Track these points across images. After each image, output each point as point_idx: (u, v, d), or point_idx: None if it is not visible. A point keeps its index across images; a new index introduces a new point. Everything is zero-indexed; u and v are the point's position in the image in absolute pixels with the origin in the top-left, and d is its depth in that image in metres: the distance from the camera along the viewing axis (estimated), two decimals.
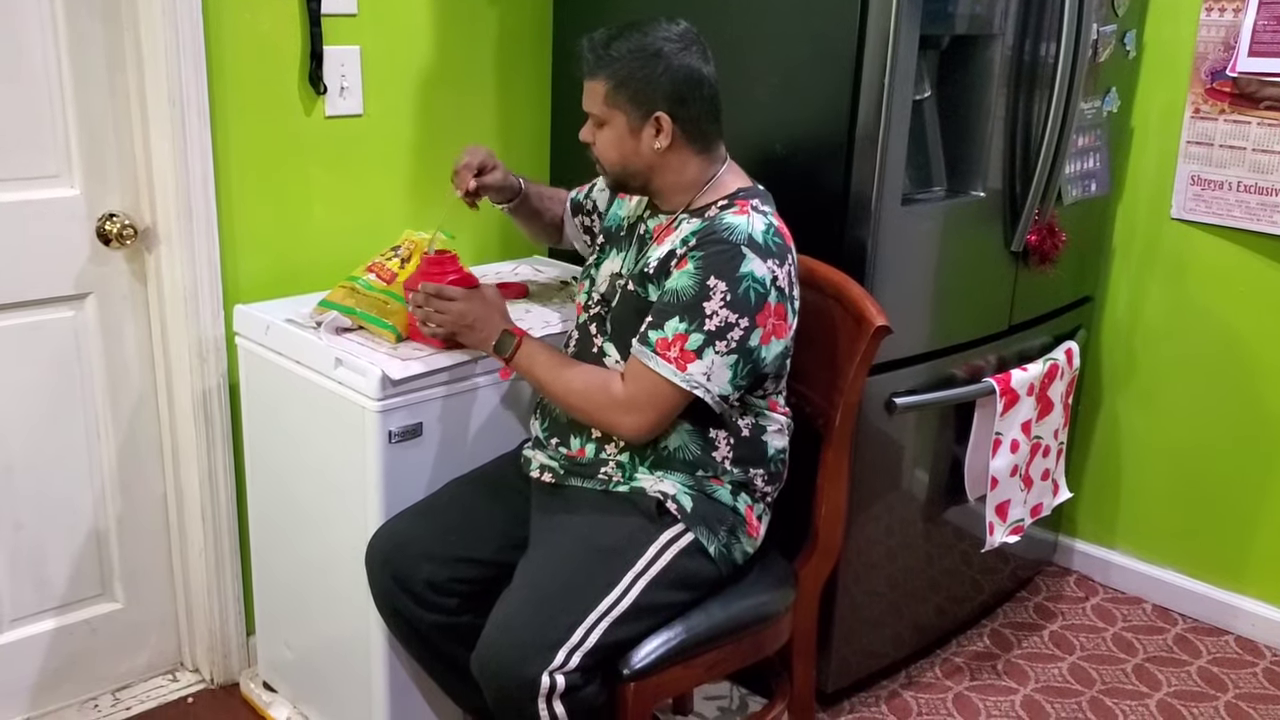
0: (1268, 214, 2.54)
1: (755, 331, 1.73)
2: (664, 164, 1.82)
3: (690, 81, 1.77)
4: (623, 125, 1.79)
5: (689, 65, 1.76)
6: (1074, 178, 2.49)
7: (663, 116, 1.77)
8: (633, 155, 1.82)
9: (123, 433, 2.27)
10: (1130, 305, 2.82)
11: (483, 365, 2.00)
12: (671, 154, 1.81)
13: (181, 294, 2.18)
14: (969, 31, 2.18)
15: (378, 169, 2.40)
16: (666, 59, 1.75)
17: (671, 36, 1.77)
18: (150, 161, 2.15)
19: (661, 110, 1.76)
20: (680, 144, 1.80)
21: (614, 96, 1.78)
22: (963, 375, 2.37)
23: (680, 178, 1.84)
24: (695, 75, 1.77)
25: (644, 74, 1.75)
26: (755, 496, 1.88)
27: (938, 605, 2.58)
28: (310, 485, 2.09)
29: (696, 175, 1.84)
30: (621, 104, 1.78)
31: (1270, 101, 2.50)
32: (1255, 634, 2.75)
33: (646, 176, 1.84)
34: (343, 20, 2.26)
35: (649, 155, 1.81)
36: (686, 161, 1.82)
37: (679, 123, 1.78)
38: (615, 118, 1.80)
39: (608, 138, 1.82)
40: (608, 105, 1.79)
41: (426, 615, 1.88)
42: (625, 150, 1.82)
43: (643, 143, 1.79)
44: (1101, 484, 2.96)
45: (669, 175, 1.83)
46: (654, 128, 1.78)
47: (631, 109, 1.78)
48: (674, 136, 1.78)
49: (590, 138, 1.86)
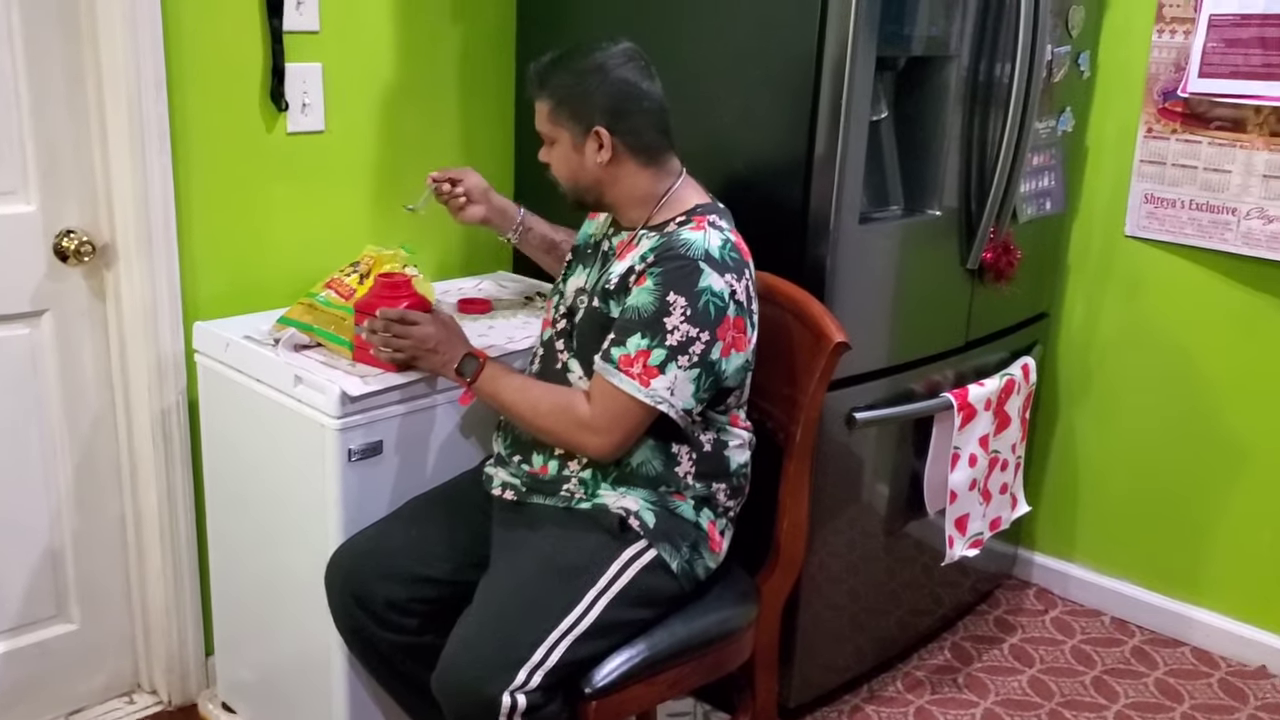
0: (1219, 231, 2.59)
1: (716, 345, 1.74)
2: (611, 178, 1.84)
3: (626, 95, 1.80)
4: (568, 142, 1.84)
5: (624, 79, 1.80)
6: (1029, 196, 2.52)
7: (601, 131, 1.80)
8: (580, 171, 1.85)
9: (80, 451, 2.25)
10: (1085, 321, 2.86)
11: (443, 382, 1.99)
12: (617, 168, 1.83)
13: (140, 311, 2.16)
14: (925, 53, 2.21)
15: (339, 186, 2.40)
16: (602, 74, 1.79)
17: (611, 53, 1.81)
18: (109, 177, 2.13)
19: (600, 124, 1.80)
20: (624, 157, 1.83)
21: (556, 114, 1.83)
22: (921, 390, 2.39)
23: (631, 191, 1.86)
24: (631, 89, 1.80)
25: (580, 90, 1.80)
26: (718, 512, 1.89)
27: (899, 619, 2.60)
28: (270, 504, 2.08)
29: (648, 189, 1.86)
30: (563, 121, 1.82)
31: (1220, 121, 2.55)
32: (1211, 645, 2.78)
33: (598, 191, 1.87)
34: (305, 37, 2.26)
35: (594, 170, 1.83)
36: (635, 175, 1.84)
37: (618, 135, 1.81)
38: (560, 135, 1.84)
39: (557, 156, 1.87)
40: (552, 124, 1.84)
41: (387, 635, 1.87)
42: (573, 166, 1.85)
43: (587, 158, 1.83)
44: (1059, 498, 2.99)
45: (619, 189, 1.86)
46: (595, 142, 1.81)
47: (572, 125, 1.82)
48: (615, 150, 1.81)
49: (546, 158, 1.90)
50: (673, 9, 2.26)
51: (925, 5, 2.14)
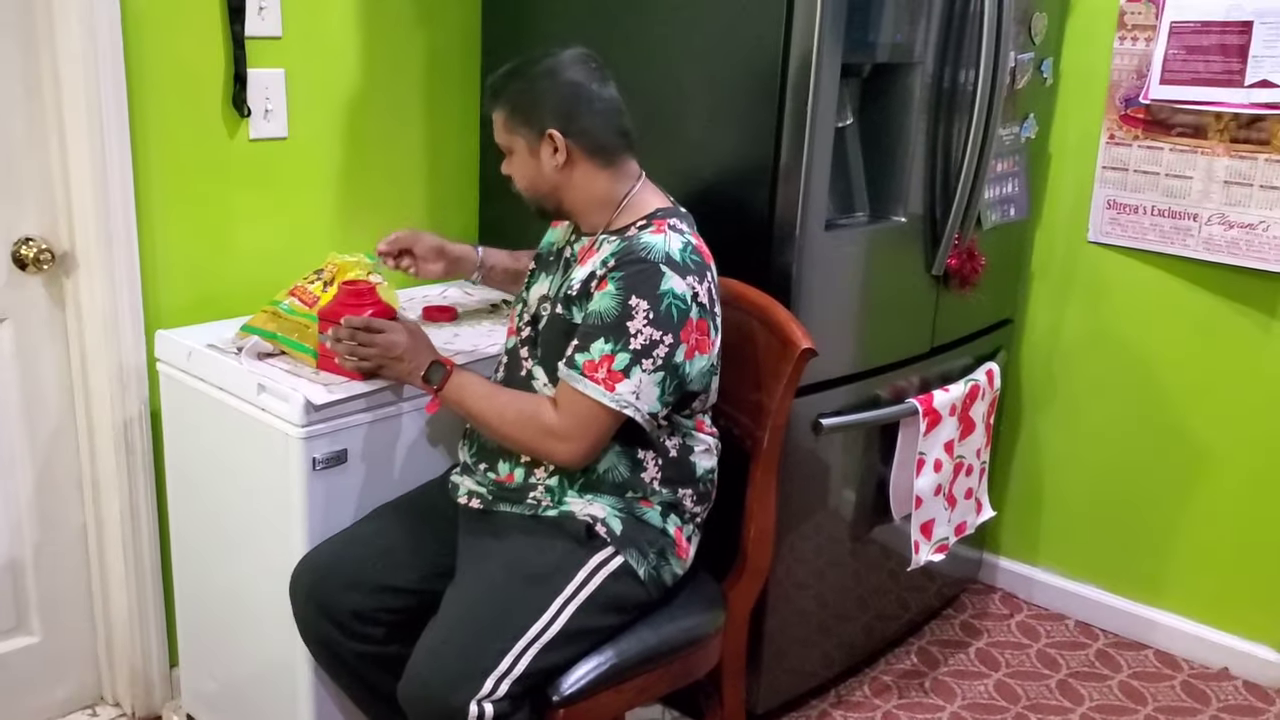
0: (1180, 237, 2.61)
1: (679, 347, 1.74)
2: (568, 182, 1.84)
3: (576, 96, 1.80)
4: (524, 149, 1.84)
5: (573, 80, 1.81)
6: (993, 203, 2.54)
7: (554, 133, 1.80)
8: (538, 177, 1.85)
9: (40, 462, 2.22)
10: (1049, 327, 2.88)
11: (408, 390, 1.98)
12: (573, 171, 1.83)
13: (101, 319, 2.14)
14: (890, 60, 2.22)
15: (303, 192, 2.38)
16: (551, 77, 1.80)
17: (561, 58, 1.82)
18: (69, 185, 2.11)
19: (552, 127, 1.80)
20: (580, 159, 1.83)
21: (510, 122, 1.84)
22: (887, 396, 2.40)
23: (590, 195, 1.85)
24: (581, 90, 1.81)
25: (530, 94, 1.81)
26: (684, 518, 1.89)
27: (866, 624, 2.61)
28: (234, 514, 2.06)
29: (606, 192, 1.86)
30: (517, 128, 1.83)
31: (1182, 128, 2.58)
32: (1174, 647, 2.81)
33: (557, 198, 1.87)
34: (267, 43, 2.25)
35: (552, 175, 1.83)
36: (592, 178, 1.84)
37: (571, 137, 1.81)
38: (516, 143, 1.85)
39: (515, 164, 1.87)
40: (507, 132, 1.85)
41: (353, 645, 1.86)
42: (530, 173, 1.86)
43: (543, 163, 1.83)
44: (1024, 502, 3.01)
45: (577, 193, 1.86)
46: (550, 145, 1.81)
47: (526, 131, 1.82)
48: (570, 152, 1.81)
49: (507, 169, 1.90)
50: (638, 16, 2.26)
51: (890, 13, 2.16)
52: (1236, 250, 2.54)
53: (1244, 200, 2.51)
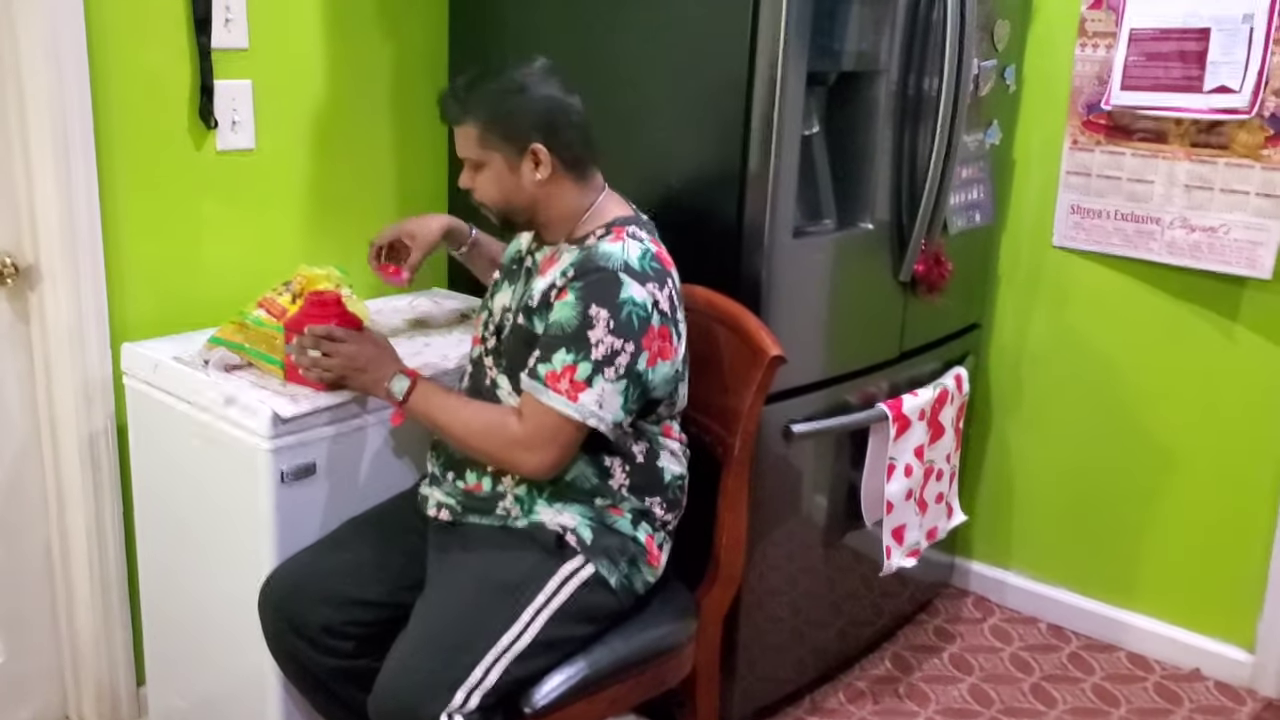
0: (1143, 241, 2.64)
1: (641, 355, 1.74)
2: (546, 195, 1.83)
3: (557, 109, 1.80)
4: (500, 164, 1.81)
5: (551, 95, 1.80)
6: (959, 208, 2.56)
7: (539, 148, 1.79)
8: (515, 191, 1.83)
9: (4, 478, 2.19)
10: (1016, 331, 2.90)
11: (375, 402, 1.97)
12: (552, 185, 1.82)
13: (66, 333, 2.12)
14: (855, 68, 2.23)
15: (270, 204, 2.37)
16: (530, 90, 1.79)
17: (531, 71, 1.80)
18: (32, 198, 2.09)
19: (536, 141, 1.79)
20: (559, 174, 1.82)
21: (486, 137, 1.80)
22: (857, 402, 2.41)
23: (563, 208, 1.85)
24: (560, 103, 1.80)
25: (510, 109, 1.78)
26: (655, 525, 1.89)
27: (839, 630, 2.61)
28: (202, 528, 2.04)
29: (575, 204, 1.85)
30: (495, 143, 1.80)
31: (1143, 133, 2.60)
32: (1145, 649, 2.83)
33: (531, 211, 1.85)
34: (234, 55, 2.24)
35: (531, 189, 1.82)
36: (567, 191, 1.84)
37: (555, 151, 1.80)
38: (492, 158, 1.81)
39: (487, 178, 1.84)
40: (482, 147, 1.81)
41: (322, 659, 1.85)
42: (506, 188, 1.83)
43: (523, 177, 1.81)
44: (994, 506, 3.03)
45: (552, 206, 1.85)
46: (532, 160, 1.80)
47: (506, 146, 1.80)
48: (554, 167, 1.80)
49: (470, 183, 1.87)
50: (604, 25, 2.26)
51: (855, 21, 2.17)
52: (1199, 253, 2.57)
53: (1205, 204, 2.54)
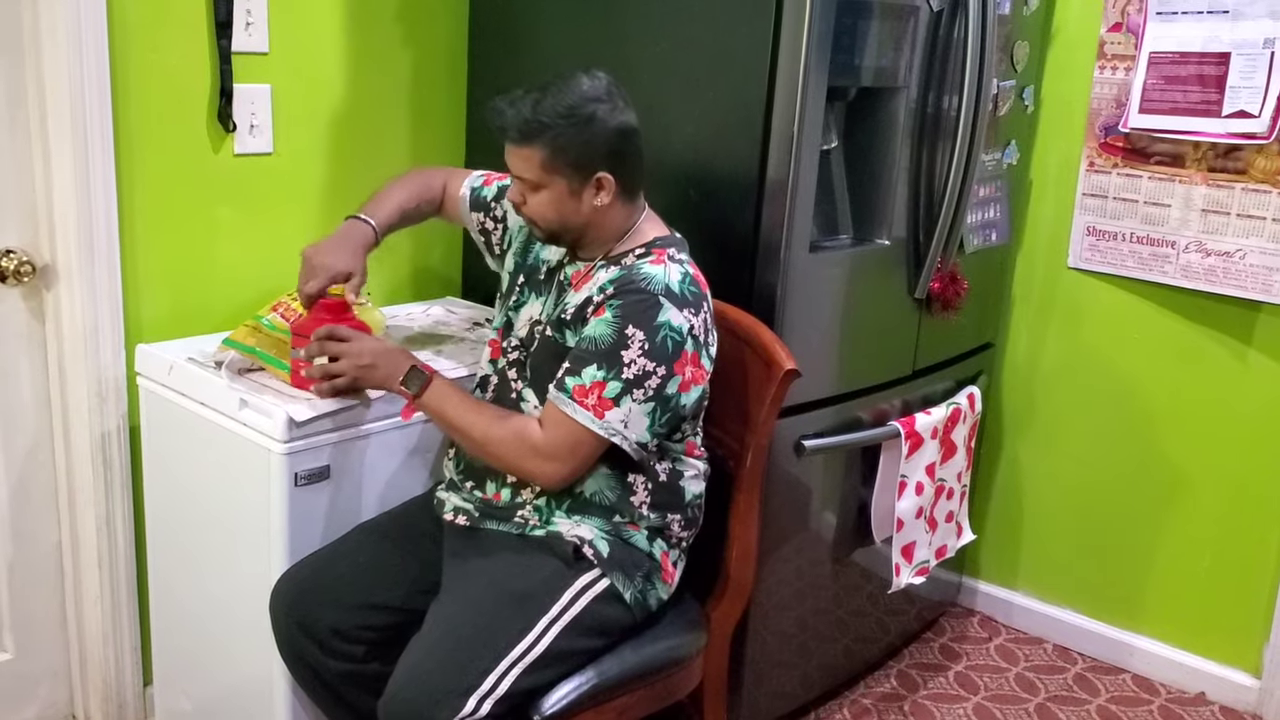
0: (1158, 264, 2.64)
1: (673, 380, 1.74)
2: (601, 219, 1.81)
3: (625, 138, 1.78)
4: (562, 188, 1.78)
5: (622, 122, 1.77)
6: (975, 227, 2.56)
7: (605, 177, 1.77)
8: (573, 215, 1.80)
9: (15, 476, 2.19)
10: (1029, 351, 2.90)
11: (390, 407, 1.96)
12: (610, 209, 1.81)
13: (81, 333, 2.12)
14: (875, 84, 2.24)
15: (287, 208, 2.38)
16: (601, 121, 1.74)
17: (599, 96, 1.75)
18: (51, 197, 2.09)
19: (603, 171, 1.76)
20: (616, 198, 1.80)
21: (552, 163, 1.76)
22: (869, 419, 2.41)
23: (612, 228, 1.84)
24: (628, 130, 1.78)
25: (582, 139, 1.74)
26: (671, 542, 1.89)
27: (846, 646, 2.60)
28: (213, 530, 2.04)
29: (622, 224, 1.85)
30: (561, 169, 1.76)
31: (1160, 156, 2.60)
32: (1151, 672, 2.82)
33: (582, 231, 1.83)
34: (254, 58, 2.24)
35: (589, 213, 1.80)
36: (618, 213, 1.83)
37: (618, 179, 1.78)
38: (554, 182, 1.77)
39: (544, 200, 1.79)
40: (546, 172, 1.77)
41: (332, 663, 1.84)
42: (565, 211, 1.80)
43: (584, 203, 1.79)
44: (1004, 526, 3.02)
45: (604, 227, 1.83)
46: (595, 188, 1.78)
47: (572, 173, 1.76)
48: (614, 193, 1.79)
49: (520, 198, 1.83)
50: (626, 35, 2.27)
51: (876, 37, 2.17)
52: (1214, 278, 2.56)
53: (1221, 229, 2.54)
